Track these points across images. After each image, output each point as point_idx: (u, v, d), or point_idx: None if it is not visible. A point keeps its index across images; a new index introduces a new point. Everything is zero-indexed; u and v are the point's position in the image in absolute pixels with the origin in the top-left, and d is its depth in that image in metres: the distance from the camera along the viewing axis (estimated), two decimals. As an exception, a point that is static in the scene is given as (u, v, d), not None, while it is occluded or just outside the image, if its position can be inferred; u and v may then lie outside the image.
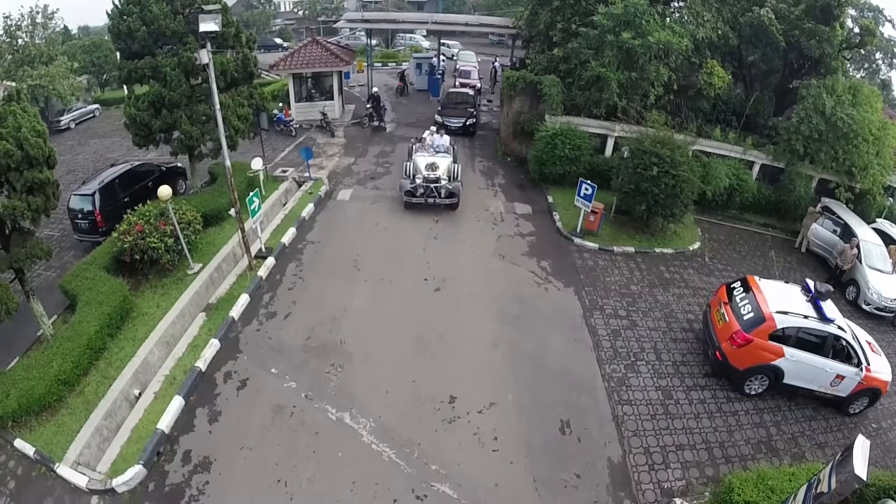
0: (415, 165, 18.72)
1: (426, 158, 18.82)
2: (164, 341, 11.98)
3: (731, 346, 11.79)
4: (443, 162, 18.67)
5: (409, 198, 18.30)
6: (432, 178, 18.17)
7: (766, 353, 11.54)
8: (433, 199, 18.25)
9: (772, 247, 20.12)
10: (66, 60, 32.02)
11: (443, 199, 18.31)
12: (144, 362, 11.33)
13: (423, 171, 18.23)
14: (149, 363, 11.44)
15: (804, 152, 19.96)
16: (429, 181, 18.14)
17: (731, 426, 11.40)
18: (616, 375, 12.35)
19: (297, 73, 26.77)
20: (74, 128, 32.36)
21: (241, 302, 13.35)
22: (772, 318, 11.51)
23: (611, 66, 19.75)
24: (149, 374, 11.39)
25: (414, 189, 18.11)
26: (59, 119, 31.72)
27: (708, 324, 12.91)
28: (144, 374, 11.29)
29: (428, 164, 18.43)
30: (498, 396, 11.24)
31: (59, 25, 34.61)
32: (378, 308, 13.70)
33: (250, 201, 13.91)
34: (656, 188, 16.70)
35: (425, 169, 18.30)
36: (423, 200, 18.23)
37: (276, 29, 65.69)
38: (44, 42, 31.89)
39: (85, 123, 33.44)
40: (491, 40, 57.84)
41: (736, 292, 12.63)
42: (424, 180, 18.15)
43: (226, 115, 16.54)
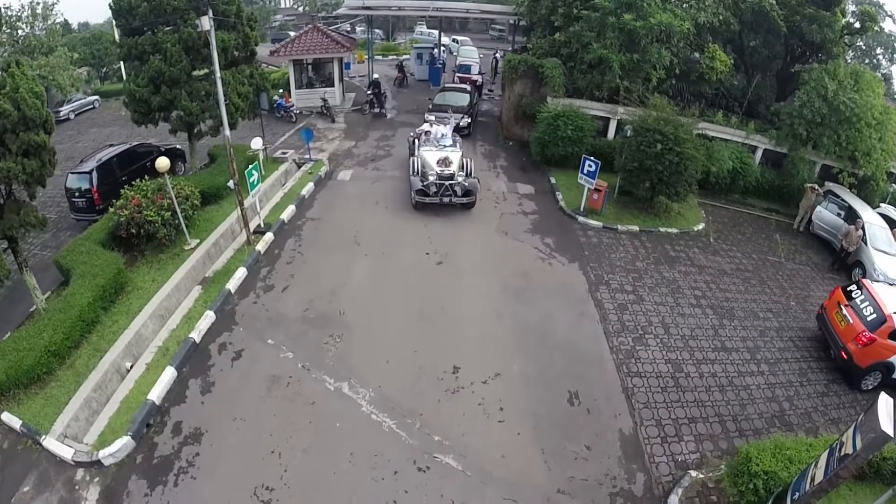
0: (423, 161, 17.07)
1: (435, 153, 17.21)
2: (158, 314, 11.67)
3: (856, 345, 12.00)
4: (454, 156, 17.15)
5: (421, 197, 16.51)
6: (446, 175, 16.53)
7: (886, 350, 11.84)
8: (448, 199, 16.54)
9: (775, 230, 19.99)
10: (66, 52, 31.76)
11: (459, 198, 16.60)
12: (137, 335, 11.01)
13: (435, 168, 16.59)
14: (142, 336, 11.12)
15: (807, 137, 19.87)
16: (443, 178, 16.50)
17: (744, 400, 11.10)
18: (624, 348, 12.02)
19: (298, 60, 26.48)
20: (74, 118, 32.13)
21: (238, 275, 13.05)
22: (892, 318, 11.87)
23: (612, 48, 19.53)
24: (141, 346, 11.08)
25: (426, 187, 16.39)
26: (59, 110, 31.40)
27: (828, 325, 13.11)
28: (137, 346, 10.98)
29: (439, 159, 16.81)
30: (503, 367, 10.92)
31: (59, 17, 34.45)
32: (379, 281, 13.43)
33: (249, 174, 13.63)
34: (660, 165, 16.42)
35: (437, 165, 16.67)
36: (438, 200, 16.53)
37: (276, 24, 65.42)
38: (44, 33, 31.77)
39: (84, 114, 33.18)
40: (492, 35, 57.73)
41: (855, 294, 12.92)
42: (438, 177, 16.48)
43: (226, 91, 16.27)
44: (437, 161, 16.74)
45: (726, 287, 15.33)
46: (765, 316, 14.34)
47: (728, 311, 14.21)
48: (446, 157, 16.87)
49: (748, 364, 12.24)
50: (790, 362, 12.60)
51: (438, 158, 16.84)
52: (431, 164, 16.75)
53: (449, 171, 16.57)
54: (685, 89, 22.89)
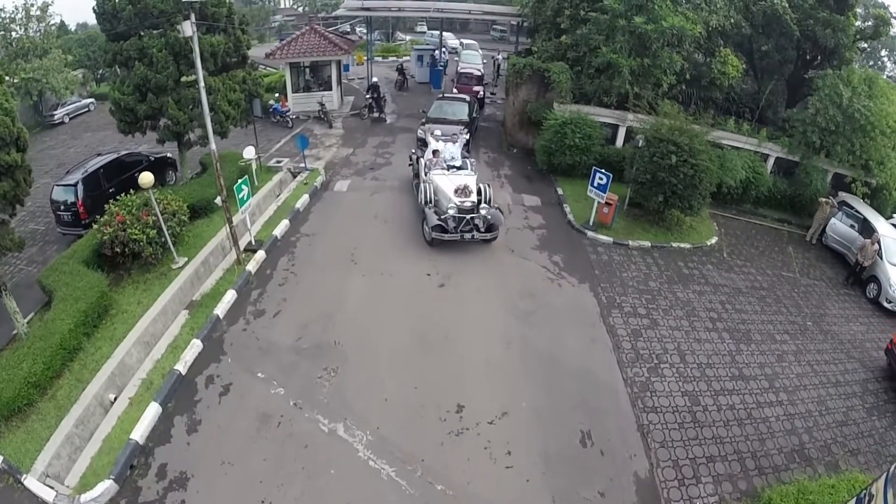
0: (436, 189, 14.91)
1: (450, 179, 14.93)
2: (143, 341, 10.90)
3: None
4: (471, 181, 15.05)
5: (438, 234, 14.21)
6: (467, 207, 14.29)
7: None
8: (471, 235, 14.35)
9: (788, 242, 19.45)
10: (61, 54, 30.99)
11: (483, 234, 14.49)
12: (121, 364, 10.24)
13: (453, 198, 14.29)
14: (126, 365, 10.35)
15: (820, 145, 19.25)
16: (463, 211, 14.28)
17: (763, 434, 10.48)
18: (639, 380, 11.27)
19: (295, 63, 25.69)
20: (69, 122, 31.48)
21: (227, 299, 12.24)
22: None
23: (622, 52, 18.72)
24: (125, 376, 10.31)
25: (444, 222, 14.12)
26: (53, 113, 30.98)
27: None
28: (121, 376, 10.20)
29: (458, 187, 14.51)
30: (511, 404, 10.11)
31: (54, 19, 33.65)
32: (376, 305, 12.59)
33: (238, 189, 12.81)
34: (674, 178, 15.67)
35: (455, 195, 14.37)
36: (459, 237, 14.29)
37: (276, 25, 64.62)
38: (38, 34, 30.96)
39: (79, 118, 32.46)
40: (493, 36, 56.98)
41: None
42: (458, 210, 14.25)
43: (215, 99, 15.53)
44: (454, 190, 14.51)
45: (742, 307, 14.67)
46: (782, 338, 13.75)
47: (745, 334, 13.56)
48: (465, 185, 14.68)
49: (766, 393, 11.62)
50: (808, 389, 12.08)
51: (456, 187, 14.59)
52: (447, 194, 14.50)
53: (469, 201, 14.41)
54: (695, 95, 22.16)
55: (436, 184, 15.05)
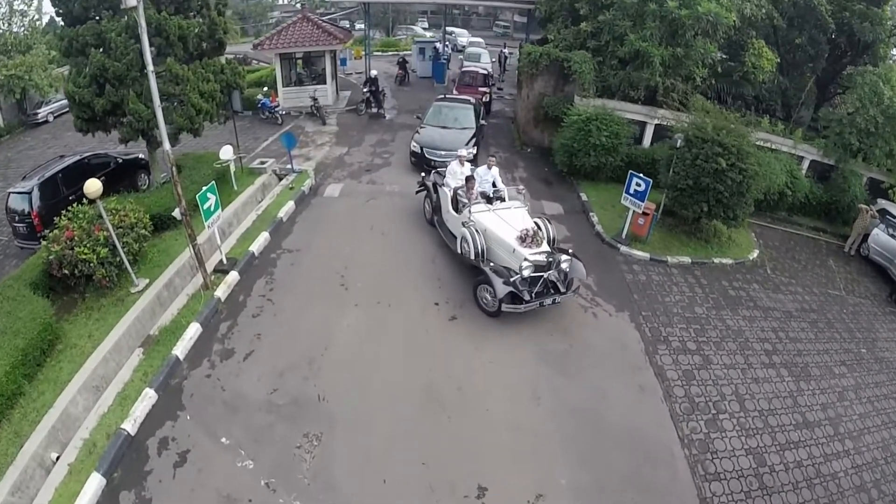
0: (488, 236, 11.22)
1: (504, 220, 11.33)
2: (91, 385, 8.75)
3: None
4: (529, 219, 11.67)
5: (512, 307, 10.55)
6: (543, 263, 10.67)
7: None
8: (552, 300, 10.80)
9: (827, 254, 17.83)
10: (45, 50, 28.95)
11: (563, 295, 10.95)
12: (65, 415, 8.14)
13: (520, 249, 10.58)
14: (70, 416, 8.24)
15: (858, 147, 17.86)
16: (540, 268, 10.66)
17: (833, 495, 8.93)
18: (697, 437, 9.20)
19: (286, 54, 23.53)
20: (52, 121, 29.29)
21: (190, 334, 9.95)
22: None
23: (653, 40, 16.61)
24: (70, 430, 8.21)
25: (516, 286, 10.32)
26: (37, 112, 28.91)
27: None
28: (65, 430, 8.10)
29: (523, 233, 10.84)
30: (546, 482, 7.91)
31: (37, 14, 31.56)
32: (372, 346, 10.24)
33: (202, 199, 10.57)
34: (721, 185, 13.57)
35: (522, 244, 10.68)
36: (538, 304, 10.63)
37: (273, 21, 62.55)
38: (23, 29, 29.30)
39: (64, 116, 29.95)
40: (496, 32, 55.00)
41: None
42: (535, 268, 10.53)
43: (184, 90, 13.35)
44: (518, 238, 10.85)
45: (795, 335, 12.83)
46: (840, 371, 12.09)
47: (802, 368, 11.78)
48: (528, 229, 11.00)
49: (832, 442, 10.03)
50: (872, 432, 10.68)
51: (521, 233, 10.91)
52: (507, 243, 10.87)
53: (542, 251, 10.75)
54: (725, 90, 20.20)
55: (486, 228, 11.34)
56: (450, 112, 18.54)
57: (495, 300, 10.56)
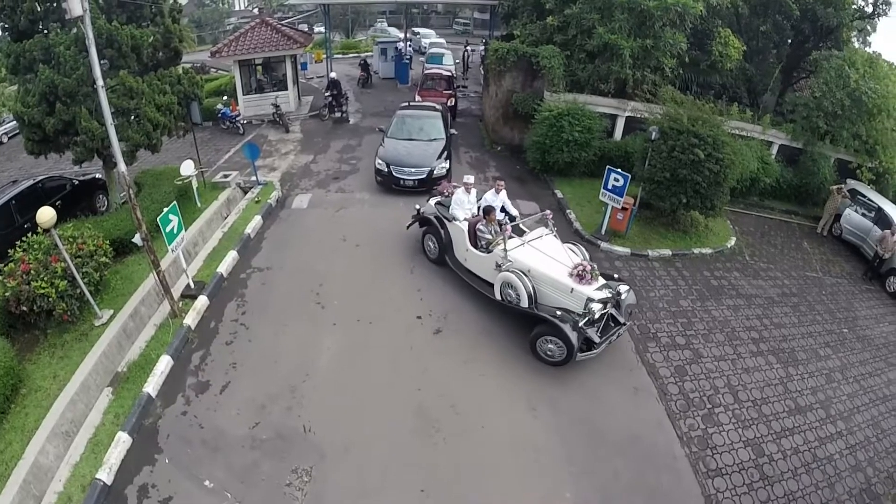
0: (539, 277, 9.85)
1: (546, 254, 10.16)
2: (60, 431, 8.01)
3: None
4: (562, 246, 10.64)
5: (587, 354, 9.48)
6: (609, 299, 9.67)
7: None
8: (616, 335, 9.95)
9: (801, 236, 18.28)
10: (-1, 66, 27.21)
11: (624, 326, 10.12)
12: (35, 466, 7.41)
13: (579, 288, 9.46)
14: (42, 467, 7.51)
15: (825, 130, 18.24)
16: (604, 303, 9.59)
17: (831, 477, 9.05)
18: (695, 434, 9.07)
19: (245, 60, 22.70)
20: (7, 142, 27.36)
21: (161, 368, 9.22)
22: None
23: (622, 32, 16.51)
24: (43, 481, 7.48)
25: (581, 331, 9.22)
26: None
27: None
28: (37, 483, 7.38)
29: (575, 269, 9.69)
30: (551, 497, 7.59)
31: None
32: (356, 368, 9.59)
33: (164, 221, 9.90)
34: (699, 176, 13.52)
35: (579, 281, 9.54)
36: (607, 343, 9.71)
37: (230, 28, 61.11)
38: None
39: (19, 137, 28.41)
40: (456, 30, 54.73)
41: None
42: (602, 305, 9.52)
43: (139, 104, 12.63)
44: (574, 275, 9.67)
45: (779, 321, 12.97)
46: (825, 353, 12.31)
47: (789, 354, 11.88)
48: (583, 264, 9.84)
49: (825, 425, 10.17)
50: (861, 411, 10.91)
51: (575, 270, 9.71)
52: (564, 282, 9.64)
53: (601, 285, 9.78)
54: (693, 80, 20.26)
55: (530, 268, 9.98)
56: (415, 122, 16.93)
57: (563, 351, 9.34)
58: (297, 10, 42.30)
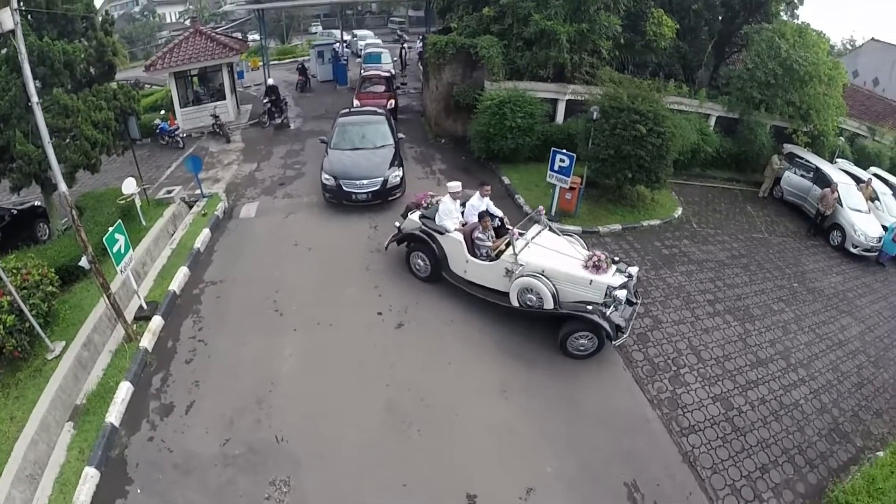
0: (555, 275, 9.71)
1: (557, 251, 10.12)
2: (24, 475, 7.53)
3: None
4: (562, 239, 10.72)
5: (620, 340, 9.70)
6: (626, 284, 9.79)
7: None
8: (634, 314, 10.17)
9: (744, 201, 19.18)
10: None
11: (638, 303, 10.47)
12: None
13: (599, 279, 9.56)
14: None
15: (760, 100, 19.12)
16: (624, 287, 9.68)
17: (800, 421, 9.62)
18: (665, 397, 9.38)
19: (181, 72, 21.96)
20: None
21: (121, 396, 8.76)
22: None
23: (557, 17, 16.79)
24: None
25: (611, 322, 9.28)
26: None
27: None
28: None
29: (592, 261, 9.76)
30: (534, 475, 7.67)
31: None
32: (321, 371, 9.36)
33: (111, 241, 9.51)
34: (642, 151, 13.91)
35: (598, 272, 9.62)
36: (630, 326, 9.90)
37: (163, 41, 59.17)
38: None
39: None
40: (391, 28, 54.71)
41: None
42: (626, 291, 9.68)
43: (75, 122, 12.13)
44: (589, 267, 9.72)
45: (732, 282, 13.60)
46: (779, 308, 13.00)
47: (745, 311, 12.49)
48: (595, 255, 9.91)
49: (787, 374, 10.75)
50: (820, 357, 11.59)
51: (588, 262, 9.80)
52: (581, 276, 9.66)
53: (615, 271, 9.96)
54: (629, 60, 20.79)
55: (544, 268, 9.78)
56: (359, 129, 15.77)
57: (595, 343, 9.55)
58: (231, 18, 41.42)
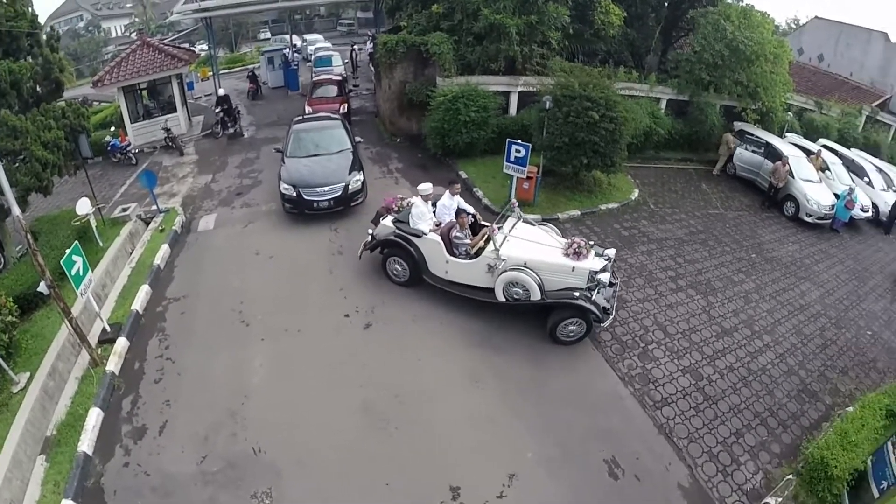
0: (538, 265, 9.89)
1: (535, 241, 10.37)
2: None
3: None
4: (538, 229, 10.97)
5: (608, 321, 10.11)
6: (607, 266, 10.28)
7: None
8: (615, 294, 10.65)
9: (699, 180, 19.78)
10: None
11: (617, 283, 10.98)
12: None
13: (583, 265, 9.85)
14: None
15: (709, 81, 19.68)
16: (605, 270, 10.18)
17: (769, 385, 10.05)
18: (635, 373, 9.67)
19: (130, 86, 21.27)
20: None
21: (92, 422, 8.44)
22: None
23: (506, 11, 16.97)
24: None
25: (596, 304, 9.67)
26: None
27: None
28: None
29: (571, 248, 9.97)
30: (514, 461, 7.78)
31: None
32: (293, 377, 9.21)
33: (68, 264, 9.21)
34: (596, 136, 14.19)
35: (579, 259, 9.90)
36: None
37: (109, 56, 57.44)
38: None
39: None
40: (340, 31, 54.33)
41: None
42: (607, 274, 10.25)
43: (25, 143, 11.72)
44: (569, 254, 9.91)
45: (692, 257, 14.06)
46: (739, 279, 13.54)
47: (707, 285, 12.94)
48: (573, 242, 10.07)
49: (752, 341, 11.22)
50: (783, 323, 12.11)
51: (568, 249, 9.99)
52: (563, 263, 9.87)
53: (593, 254, 10.22)
54: (579, 50, 21.12)
55: (526, 260, 9.90)
56: (314, 136, 15.37)
57: (583, 328, 9.83)
58: (178, 29, 40.44)
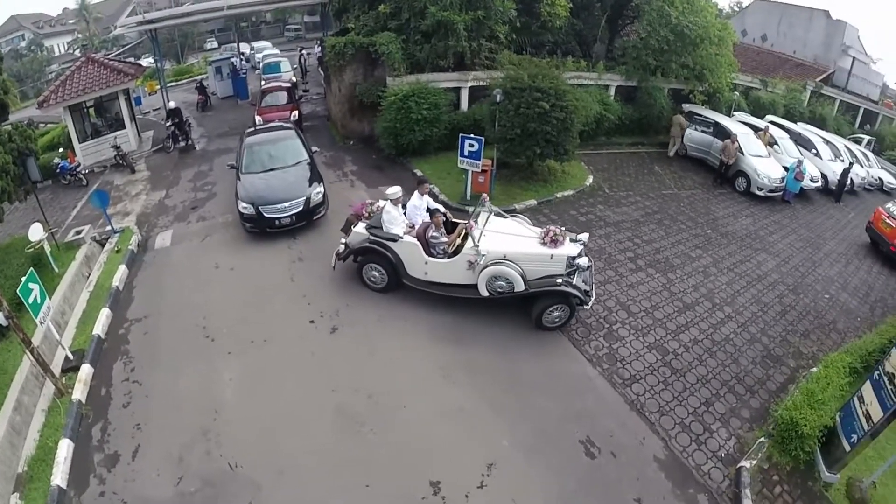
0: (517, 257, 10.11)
1: (511, 234, 10.63)
2: None
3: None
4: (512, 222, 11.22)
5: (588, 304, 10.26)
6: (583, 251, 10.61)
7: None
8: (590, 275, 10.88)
9: (651, 162, 20.36)
10: None
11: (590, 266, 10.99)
12: None
13: (561, 252, 10.14)
14: None
15: (655, 66, 20.25)
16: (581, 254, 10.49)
17: (733, 353, 10.47)
18: (602, 353, 9.92)
19: (75, 105, 20.50)
20: None
21: (63, 454, 8.09)
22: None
23: (453, 8, 17.07)
24: None
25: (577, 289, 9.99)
26: None
27: (876, 231, 16.85)
28: None
29: (548, 237, 10.27)
30: (491, 450, 7.88)
31: None
32: (264, 389, 9.01)
33: (25, 292, 8.88)
34: (547, 126, 14.45)
35: (556, 246, 10.20)
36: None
37: (53, 76, 55.34)
38: None
39: None
40: (288, 37, 53.77)
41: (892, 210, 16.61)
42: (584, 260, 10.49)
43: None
44: (546, 243, 10.18)
45: (649, 237, 14.50)
46: (696, 255, 14.05)
47: (665, 262, 13.38)
48: (549, 230, 10.36)
49: (714, 313, 11.67)
50: (742, 294, 12.60)
51: (544, 238, 10.23)
52: (541, 252, 10.13)
53: (567, 240, 10.44)
54: (527, 42, 21.38)
55: (504, 253, 10.04)
56: (269, 149, 14.75)
57: (567, 312, 10.11)
58: (122, 43, 39.21)
